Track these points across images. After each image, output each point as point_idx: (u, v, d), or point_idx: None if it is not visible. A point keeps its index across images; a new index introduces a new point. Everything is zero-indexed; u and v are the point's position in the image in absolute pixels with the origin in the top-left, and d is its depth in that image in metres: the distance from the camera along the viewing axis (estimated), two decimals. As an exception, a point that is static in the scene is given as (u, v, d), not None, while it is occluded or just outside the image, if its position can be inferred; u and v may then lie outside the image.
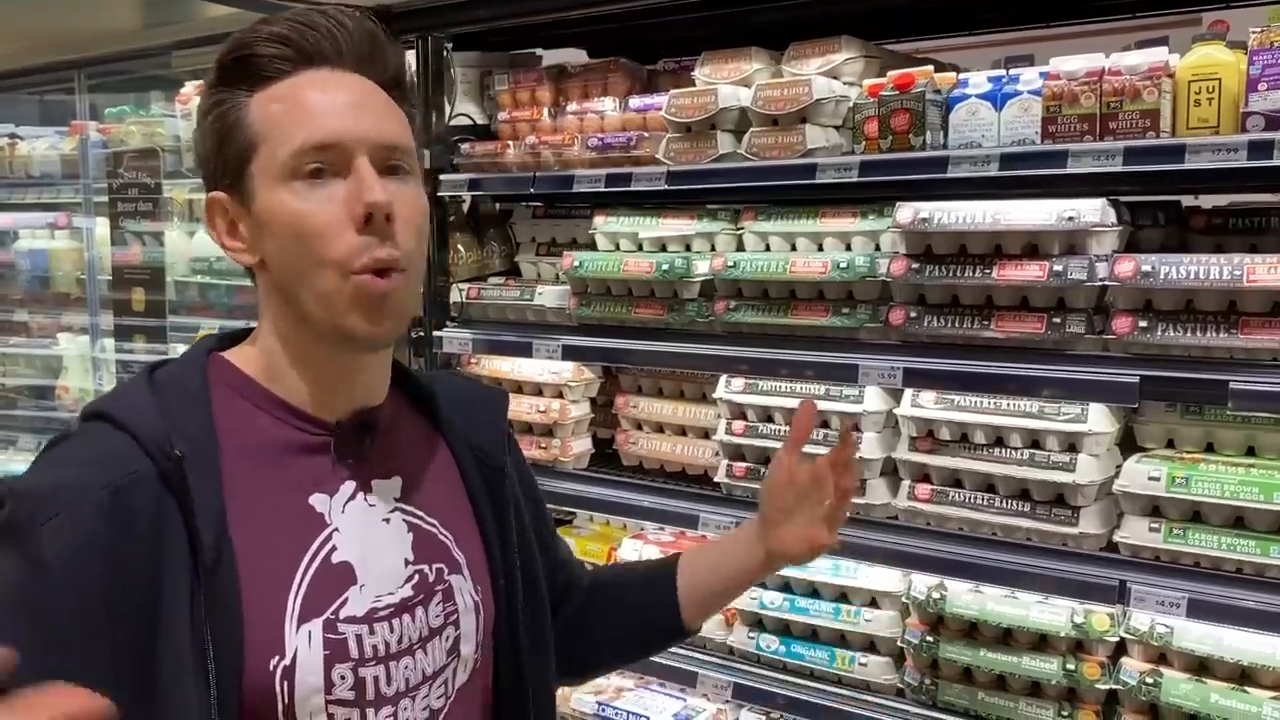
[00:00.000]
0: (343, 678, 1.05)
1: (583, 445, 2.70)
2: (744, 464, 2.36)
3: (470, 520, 1.22)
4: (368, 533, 1.11)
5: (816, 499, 1.41)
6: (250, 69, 1.07)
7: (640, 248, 2.49)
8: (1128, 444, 2.07)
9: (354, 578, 1.08)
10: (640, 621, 1.48)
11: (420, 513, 1.17)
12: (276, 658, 1.01)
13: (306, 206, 1.04)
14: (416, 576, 1.13)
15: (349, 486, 1.12)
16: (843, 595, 2.29)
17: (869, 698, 2.20)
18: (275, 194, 1.05)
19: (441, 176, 2.67)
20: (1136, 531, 1.93)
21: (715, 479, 2.41)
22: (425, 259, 1.14)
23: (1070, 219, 1.91)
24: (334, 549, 1.08)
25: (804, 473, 1.41)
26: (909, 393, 2.16)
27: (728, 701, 2.37)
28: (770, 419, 2.33)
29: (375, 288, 1.05)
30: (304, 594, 1.04)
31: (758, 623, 2.37)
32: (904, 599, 2.20)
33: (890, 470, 2.23)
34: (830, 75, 2.22)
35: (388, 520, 1.14)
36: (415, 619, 1.11)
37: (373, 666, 1.07)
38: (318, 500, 1.09)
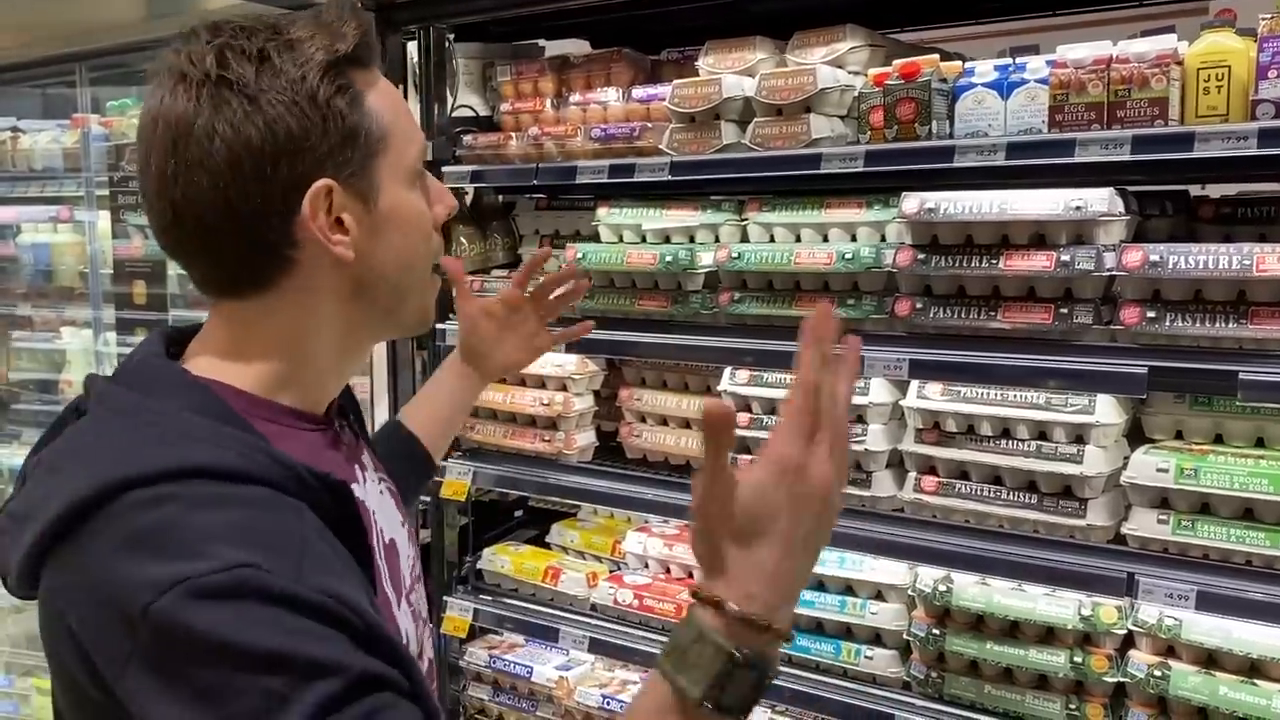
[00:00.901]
0: (417, 641, 1.17)
1: (586, 438, 2.69)
2: (748, 457, 2.34)
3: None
4: (385, 508, 1.19)
5: (520, 322, 1.72)
6: (365, 59, 1.05)
7: (644, 239, 2.47)
8: (1135, 435, 2.06)
9: (398, 551, 1.18)
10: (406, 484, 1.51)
11: (386, 477, 1.26)
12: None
13: (424, 208, 1.11)
14: (407, 531, 1.25)
15: (358, 470, 1.16)
16: (848, 588, 2.28)
17: (875, 691, 2.19)
18: (407, 195, 1.09)
19: (444, 168, 2.66)
20: (1145, 523, 1.91)
21: (720, 471, 2.40)
22: None
23: (1078, 209, 1.89)
24: (382, 530, 1.15)
25: (497, 308, 1.71)
26: (915, 384, 2.15)
27: (733, 695, 2.36)
28: (774, 411, 2.32)
29: (437, 285, 1.18)
30: (388, 579, 1.11)
31: (763, 616, 2.36)
32: (910, 592, 2.19)
33: (896, 462, 2.22)
34: (835, 64, 2.21)
35: (383, 492, 1.21)
36: (415, 571, 1.23)
37: (421, 626, 1.21)
38: (357, 490, 1.10)
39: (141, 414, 0.97)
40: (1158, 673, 1.90)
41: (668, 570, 2.65)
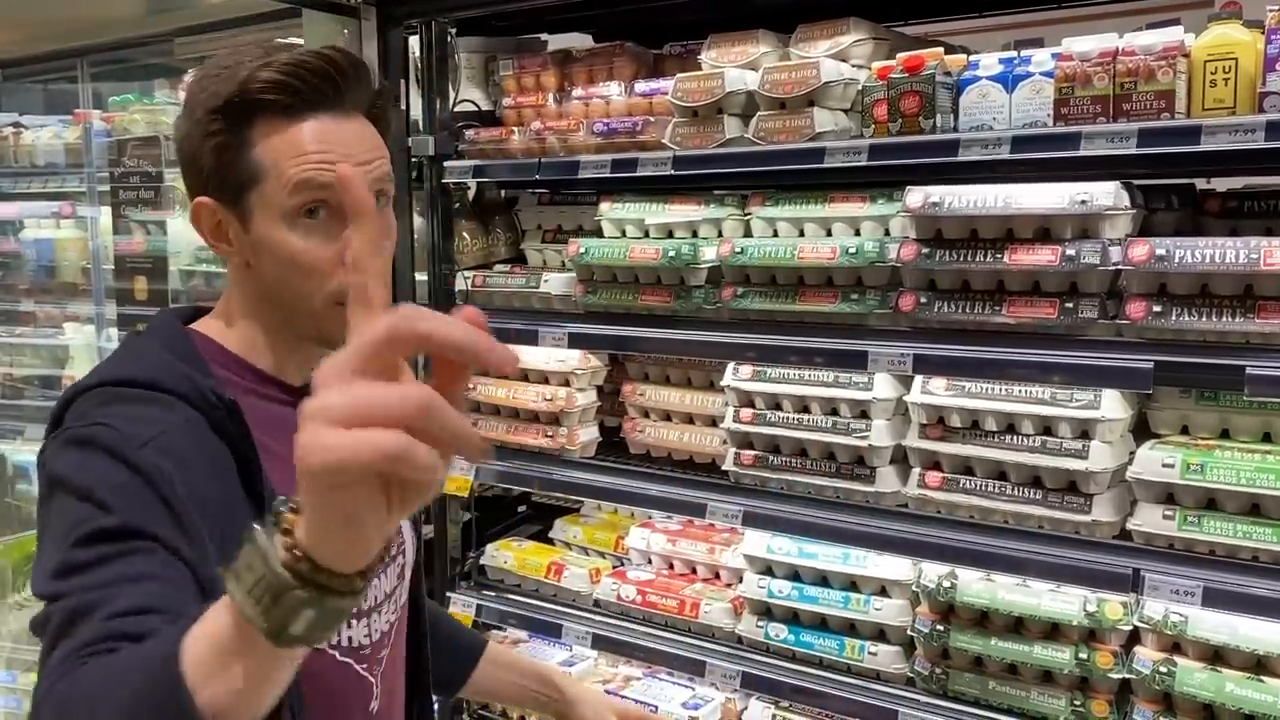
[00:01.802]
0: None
1: (589, 434, 2.68)
2: (752, 452, 2.34)
3: None
4: None
5: None
6: (254, 110, 1.18)
7: (646, 234, 2.46)
8: (1141, 430, 2.05)
9: None
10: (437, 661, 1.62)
11: None
12: None
13: (305, 245, 1.19)
14: None
15: None
16: (852, 584, 2.27)
17: (879, 687, 2.19)
18: (277, 229, 1.19)
19: (446, 163, 2.65)
20: (1150, 519, 1.90)
21: (723, 467, 2.39)
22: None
23: (1083, 202, 1.88)
24: None
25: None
26: (919, 379, 2.14)
27: (736, 690, 2.35)
28: (778, 406, 2.31)
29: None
30: None
31: (766, 611, 2.35)
32: (914, 588, 2.18)
33: (900, 458, 2.21)
34: (838, 58, 2.19)
35: None
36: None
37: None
38: None
39: (130, 348, 1.24)
40: (1163, 669, 1.89)
41: (671, 566, 2.65)
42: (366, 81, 1.24)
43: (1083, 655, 1.97)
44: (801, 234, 2.27)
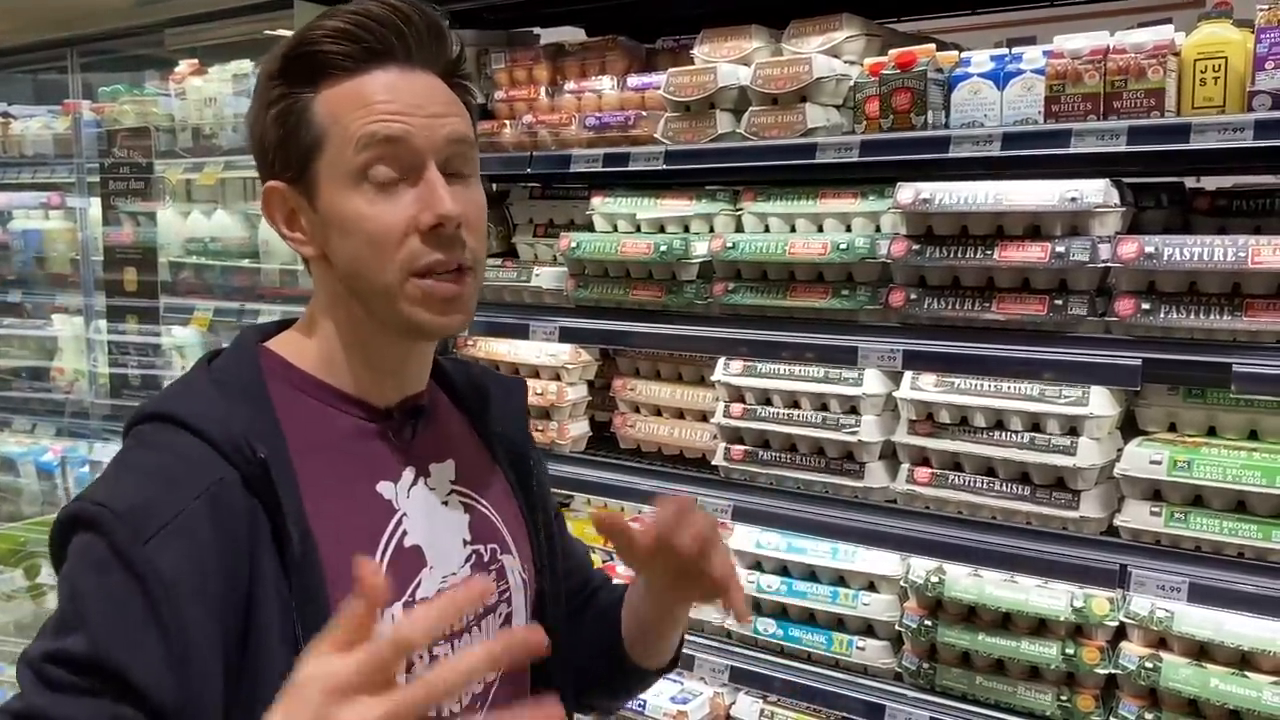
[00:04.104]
0: (420, 657, 1.08)
1: (580, 428, 2.68)
2: (742, 447, 2.34)
3: (510, 502, 1.27)
4: (431, 515, 1.16)
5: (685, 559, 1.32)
6: (316, 65, 1.08)
7: (638, 229, 2.46)
8: (1129, 427, 2.06)
9: (424, 560, 1.13)
10: (600, 654, 1.40)
11: (473, 494, 1.22)
12: None
13: (374, 210, 1.07)
14: (474, 556, 1.19)
15: (410, 472, 1.16)
16: (841, 579, 2.28)
17: (867, 681, 2.19)
18: (344, 196, 1.08)
19: (437, 156, 2.64)
20: (1137, 515, 1.91)
21: (713, 462, 2.40)
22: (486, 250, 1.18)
23: (1073, 200, 1.89)
24: (405, 533, 1.13)
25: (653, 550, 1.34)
26: (908, 375, 2.14)
27: (725, 685, 2.36)
28: (768, 402, 2.32)
29: (441, 290, 1.09)
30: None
31: (755, 606, 2.36)
32: (902, 583, 2.19)
33: (889, 453, 2.21)
34: (831, 54, 2.20)
35: (446, 502, 1.19)
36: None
37: (442, 644, 1.12)
38: (384, 488, 1.13)
39: (190, 381, 1.13)
40: (1149, 665, 1.90)
41: (660, 560, 2.65)
42: (441, 38, 1.12)
43: (1069, 650, 1.98)
44: (793, 229, 2.27)
